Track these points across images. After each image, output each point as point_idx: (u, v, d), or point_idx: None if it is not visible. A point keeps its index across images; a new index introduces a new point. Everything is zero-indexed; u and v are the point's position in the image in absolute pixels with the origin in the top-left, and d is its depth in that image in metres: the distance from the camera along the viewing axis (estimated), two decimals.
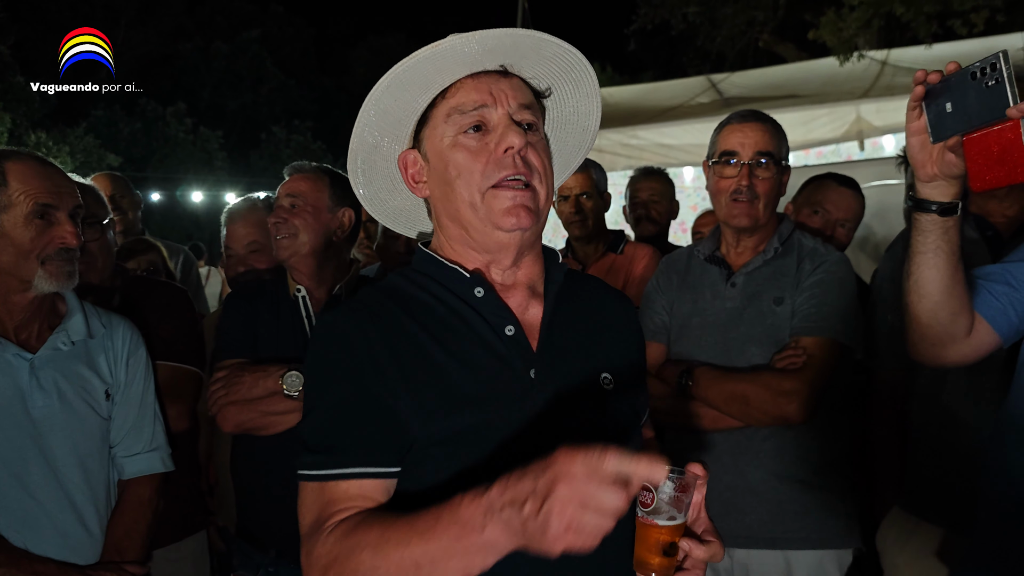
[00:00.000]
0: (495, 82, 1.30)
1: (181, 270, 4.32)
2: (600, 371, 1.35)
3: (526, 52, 1.30)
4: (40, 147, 18.84)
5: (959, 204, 1.55)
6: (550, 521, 0.92)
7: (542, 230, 1.36)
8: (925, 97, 1.48)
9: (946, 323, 1.63)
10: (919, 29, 9.81)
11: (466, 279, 1.33)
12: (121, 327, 2.17)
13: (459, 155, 1.29)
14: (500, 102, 1.29)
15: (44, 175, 1.95)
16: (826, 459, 2.25)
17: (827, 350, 2.16)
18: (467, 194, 1.28)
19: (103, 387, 2.08)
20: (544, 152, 1.33)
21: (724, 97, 7.71)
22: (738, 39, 14.16)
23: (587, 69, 1.38)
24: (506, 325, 1.31)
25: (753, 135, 2.26)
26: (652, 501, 1.18)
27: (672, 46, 18.65)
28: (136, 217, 4.18)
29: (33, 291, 1.96)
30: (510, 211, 1.27)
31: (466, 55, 1.27)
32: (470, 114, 1.29)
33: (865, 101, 6.02)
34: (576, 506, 0.92)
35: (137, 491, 2.14)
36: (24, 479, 1.91)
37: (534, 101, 1.35)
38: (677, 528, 1.19)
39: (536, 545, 0.95)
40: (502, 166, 1.27)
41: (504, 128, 1.28)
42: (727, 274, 2.35)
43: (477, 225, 1.30)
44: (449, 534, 1.03)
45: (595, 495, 0.92)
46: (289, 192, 2.40)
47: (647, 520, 1.19)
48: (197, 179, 24.36)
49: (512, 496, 0.97)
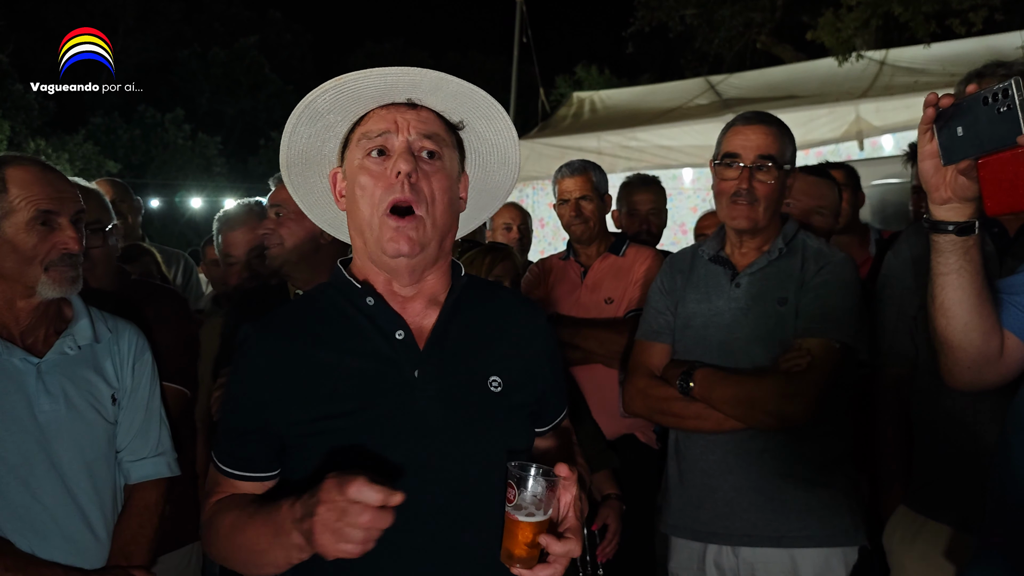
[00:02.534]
0: (402, 112, 1.43)
1: (182, 276, 4.32)
2: (489, 374, 1.46)
3: (429, 89, 1.42)
4: (39, 154, 18.83)
5: (975, 223, 1.53)
6: (314, 535, 1.16)
7: (438, 252, 1.46)
8: (936, 120, 1.48)
9: (979, 344, 1.60)
10: (917, 29, 9.82)
11: (357, 290, 1.47)
12: (127, 332, 2.17)
13: (363, 177, 1.42)
14: (402, 130, 1.42)
15: (45, 180, 1.95)
16: (830, 457, 2.25)
17: (831, 352, 2.16)
18: (367, 213, 1.41)
19: (109, 391, 2.08)
20: (440, 182, 1.43)
21: (723, 99, 7.73)
22: (736, 41, 14.16)
23: (493, 104, 1.49)
24: (396, 330, 1.43)
25: (756, 138, 2.26)
26: (515, 498, 1.28)
27: (670, 48, 18.66)
28: (136, 222, 4.19)
29: (38, 297, 1.96)
30: (393, 239, 1.38)
31: (372, 89, 1.41)
32: (374, 140, 1.42)
33: (864, 101, 6.03)
34: (331, 526, 1.15)
35: (143, 496, 2.14)
36: (31, 484, 1.91)
37: (442, 132, 1.46)
38: (538, 524, 1.28)
39: (317, 551, 1.19)
40: (391, 191, 1.38)
41: (398, 155, 1.40)
42: (731, 274, 2.34)
43: (372, 245, 1.43)
44: (270, 531, 1.28)
45: (344, 517, 1.14)
46: (273, 202, 2.43)
47: (510, 515, 1.29)
48: (196, 185, 24.34)
49: (298, 514, 1.21)
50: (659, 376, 2.35)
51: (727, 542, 2.25)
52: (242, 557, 1.38)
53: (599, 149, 6.56)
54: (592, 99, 9.19)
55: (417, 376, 1.40)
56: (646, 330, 2.46)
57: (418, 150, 1.42)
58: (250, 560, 1.36)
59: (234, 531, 1.38)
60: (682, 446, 2.37)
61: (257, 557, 1.34)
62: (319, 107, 1.45)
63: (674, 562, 2.40)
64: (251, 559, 1.36)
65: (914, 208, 3.51)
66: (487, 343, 1.50)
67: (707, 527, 2.27)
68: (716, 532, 2.26)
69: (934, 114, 1.47)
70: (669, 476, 2.43)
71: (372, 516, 1.14)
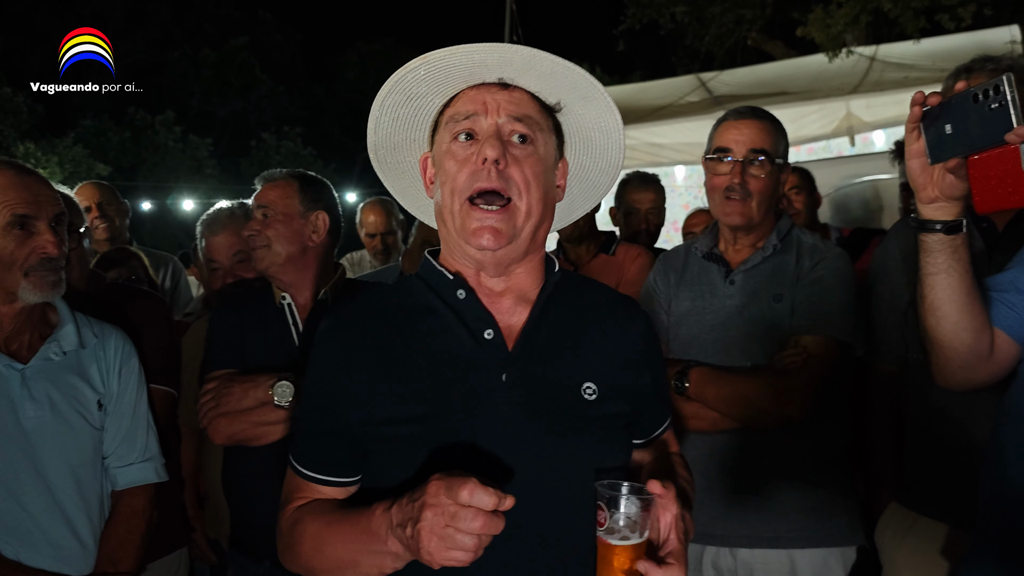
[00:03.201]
0: (492, 93, 1.33)
1: (170, 279, 4.29)
2: (583, 380, 1.34)
3: (521, 67, 1.31)
4: (28, 158, 18.78)
5: (963, 221, 1.52)
6: (420, 542, 1.07)
7: (530, 245, 1.36)
8: (923, 118, 1.46)
9: (970, 342, 1.59)
10: (907, 24, 9.83)
11: (450, 281, 1.37)
12: (113, 337, 2.15)
13: (448, 162, 1.33)
14: (491, 112, 1.32)
15: (21, 184, 1.92)
16: (828, 457, 2.24)
17: (827, 349, 2.14)
18: (450, 201, 1.32)
19: (95, 397, 2.06)
20: (533, 168, 1.32)
21: (714, 96, 7.72)
22: (726, 38, 14.17)
23: (593, 84, 1.36)
24: (486, 329, 1.33)
25: (748, 132, 2.24)
26: (605, 521, 1.17)
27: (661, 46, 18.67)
28: (124, 225, 4.16)
29: (20, 302, 1.94)
30: (477, 232, 1.29)
31: (464, 67, 1.31)
32: (461, 123, 1.33)
33: (855, 97, 6.03)
34: (439, 531, 1.06)
35: (131, 502, 2.12)
36: (16, 491, 1.90)
37: (535, 114, 1.35)
38: (634, 548, 1.17)
39: (421, 559, 1.10)
40: (477, 177, 1.29)
41: (486, 139, 1.30)
42: (725, 271, 2.32)
43: (455, 236, 1.34)
44: (364, 540, 1.21)
45: (454, 522, 1.05)
46: (260, 203, 2.39)
47: (602, 539, 1.18)
48: (187, 187, 24.26)
49: (399, 519, 1.13)
50: None
51: (725, 543, 2.24)
52: (328, 566, 1.29)
53: None
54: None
55: (504, 380, 1.30)
56: None
57: (508, 134, 1.32)
58: (337, 570, 1.28)
59: (319, 540, 1.29)
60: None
61: (346, 567, 1.26)
62: (407, 86, 1.35)
63: None
64: (339, 569, 1.27)
65: (903, 205, 3.51)
66: (581, 345, 1.38)
67: (705, 528, 2.26)
68: (714, 534, 2.24)
69: (920, 112, 1.46)
70: None
71: (485, 521, 1.04)
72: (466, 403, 1.28)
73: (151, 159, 26.44)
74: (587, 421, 1.32)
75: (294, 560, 1.36)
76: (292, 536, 1.35)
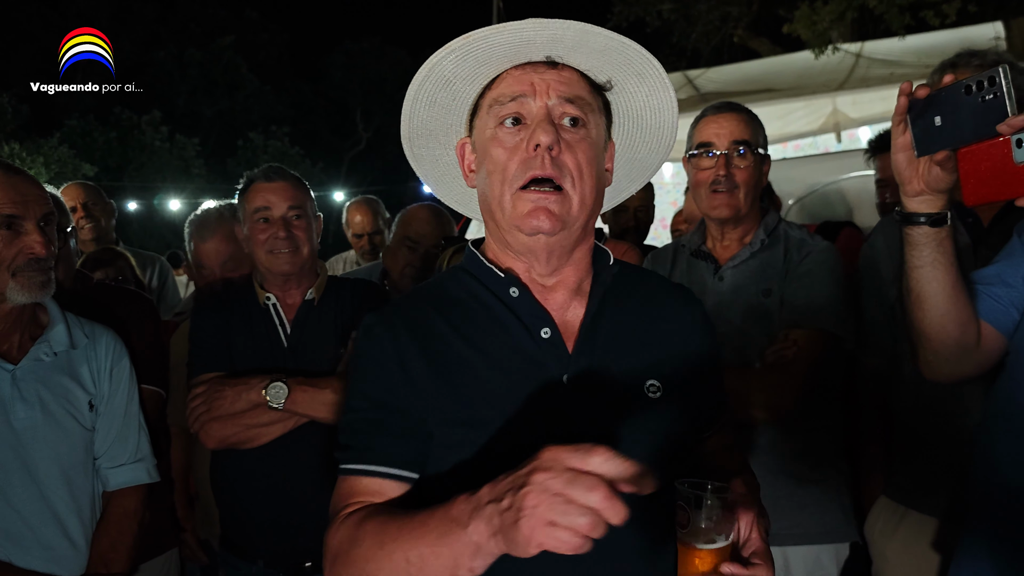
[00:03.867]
0: (540, 73, 1.24)
1: (158, 279, 4.27)
2: (646, 378, 1.27)
3: (572, 45, 1.23)
4: (14, 158, 18.63)
5: (948, 214, 1.53)
6: (522, 512, 0.88)
7: (581, 234, 1.29)
8: (909, 110, 1.46)
9: (956, 335, 1.60)
10: (892, 21, 9.88)
11: (501, 279, 1.29)
12: (104, 337, 2.14)
13: (495, 149, 1.25)
14: (540, 93, 1.23)
15: (8, 184, 1.89)
16: (821, 452, 2.25)
17: (817, 341, 2.15)
18: (499, 192, 1.24)
19: (86, 398, 2.05)
20: (586, 154, 1.24)
21: (701, 92, 7.73)
22: (713, 35, 14.21)
23: (649, 60, 1.28)
24: (542, 327, 1.26)
25: (728, 125, 2.25)
26: (689, 522, 1.12)
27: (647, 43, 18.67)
28: (110, 225, 4.14)
29: (8, 303, 1.92)
30: (531, 214, 1.21)
31: (505, 47, 1.22)
32: (507, 105, 1.24)
33: (841, 93, 6.05)
34: (549, 498, 0.87)
35: (122, 503, 2.11)
36: (7, 492, 1.89)
37: (586, 95, 1.27)
38: (720, 551, 1.12)
39: (512, 542, 0.90)
40: (529, 166, 1.21)
41: (537, 123, 1.21)
42: (714, 268, 2.34)
43: (505, 226, 1.26)
44: (438, 532, 1.01)
45: (570, 488, 0.86)
46: (292, 203, 2.32)
47: (684, 542, 1.13)
48: (175, 187, 24.16)
49: (496, 492, 0.94)
50: None
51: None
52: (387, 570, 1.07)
53: None
54: None
55: (566, 381, 1.23)
56: None
57: (559, 117, 1.23)
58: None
59: (380, 536, 1.09)
60: None
61: (410, 569, 1.04)
62: (445, 71, 1.26)
63: None
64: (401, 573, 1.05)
65: (879, 202, 3.52)
66: (642, 341, 1.30)
67: None
68: None
69: (907, 103, 1.46)
70: None
71: (606, 495, 0.86)
72: (526, 406, 1.21)
73: (137, 159, 26.28)
74: (655, 419, 1.25)
75: (346, 569, 1.14)
76: (348, 540, 1.14)
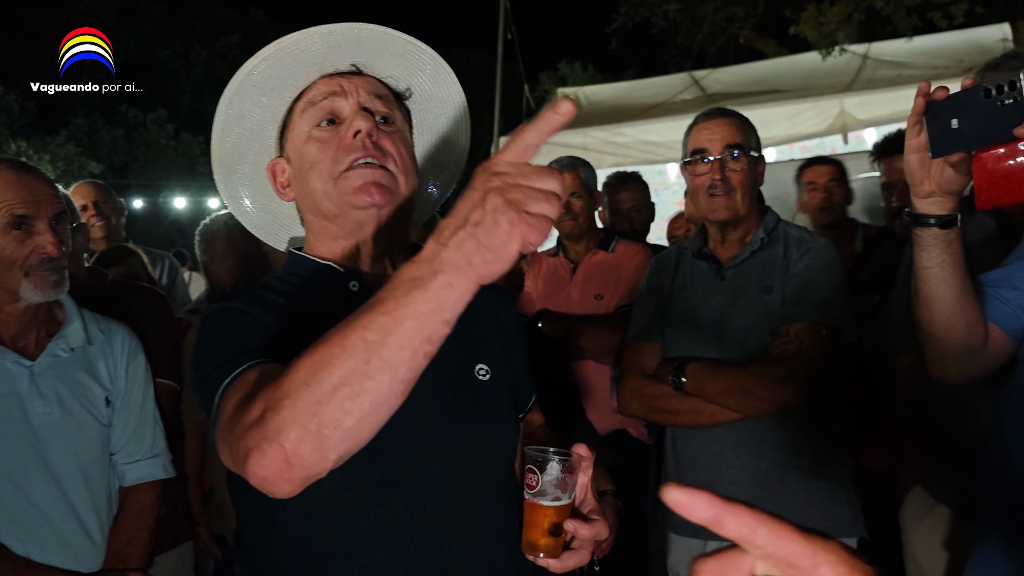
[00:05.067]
0: (347, 79, 1.32)
1: (167, 277, 4.30)
2: (476, 362, 1.34)
3: (375, 49, 1.32)
4: (20, 156, 18.64)
5: (958, 216, 1.53)
6: (499, 213, 0.82)
7: (401, 220, 1.33)
8: (925, 112, 1.46)
9: (963, 337, 1.61)
10: (900, 22, 9.86)
11: (340, 273, 1.31)
12: (120, 333, 2.16)
13: (312, 147, 1.29)
14: (350, 92, 1.30)
15: (19, 184, 1.90)
16: (829, 447, 2.27)
17: (819, 334, 2.18)
18: (320, 184, 1.27)
19: (103, 394, 2.07)
20: (403, 143, 1.32)
21: (707, 93, 7.75)
22: (719, 36, 14.19)
23: (441, 64, 1.39)
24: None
25: (720, 130, 2.30)
26: (537, 483, 1.23)
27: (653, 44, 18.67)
28: (120, 223, 4.17)
29: (23, 301, 1.94)
30: (361, 189, 1.24)
31: (314, 54, 1.29)
32: (320, 104, 1.30)
33: (848, 95, 6.06)
34: (518, 190, 0.83)
35: (139, 498, 2.13)
36: (25, 487, 1.90)
37: (391, 97, 1.36)
38: (562, 508, 1.23)
39: (496, 251, 0.83)
40: (351, 149, 1.26)
41: (354, 114, 1.28)
42: (716, 268, 2.36)
43: (333, 210, 1.28)
44: (394, 297, 0.87)
45: (529, 175, 0.84)
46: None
47: (533, 501, 1.24)
48: (180, 185, 24.20)
49: (453, 224, 0.86)
50: (652, 375, 2.36)
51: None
52: (335, 381, 0.88)
53: (584, 145, 6.56)
54: (576, 95, 9.19)
55: None
56: (636, 331, 2.47)
57: (372, 111, 1.30)
58: (356, 372, 0.88)
59: (318, 350, 0.91)
60: (679, 443, 2.38)
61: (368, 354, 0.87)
62: (255, 80, 1.31)
63: (673, 557, 2.41)
64: (357, 372, 0.87)
65: (885, 205, 3.52)
66: (467, 329, 1.24)
67: None
68: None
69: (924, 104, 1.46)
70: (668, 475, 2.44)
71: (556, 175, 0.84)
72: None
73: (143, 157, 26.35)
74: (486, 399, 1.32)
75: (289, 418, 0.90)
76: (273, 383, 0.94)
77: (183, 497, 2.76)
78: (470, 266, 0.84)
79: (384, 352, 0.87)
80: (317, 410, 0.89)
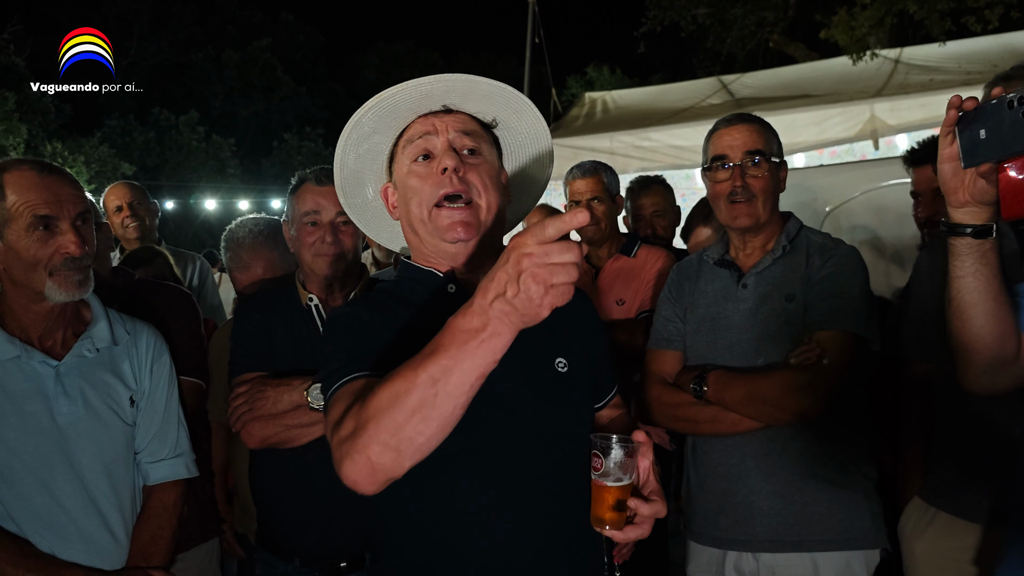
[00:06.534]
0: (439, 118, 1.56)
1: (198, 278, 4.35)
2: (555, 357, 1.56)
3: (462, 93, 1.55)
4: (56, 157, 19.02)
5: (993, 226, 1.52)
6: (531, 289, 1.06)
7: (492, 237, 1.56)
8: (958, 122, 1.47)
9: (995, 347, 1.59)
10: (932, 27, 9.75)
11: (440, 278, 1.57)
12: (144, 333, 2.18)
13: (412, 180, 1.53)
14: (441, 131, 1.54)
15: (42, 185, 1.91)
16: (850, 457, 2.24)
17: (841, 343, 2.14)
18: (418, 212, 1.52)
19: (128, 393, 2.09)
20: (487, 173, 1.54)
21: (736, 98, 7.70)
22: (748, 40, 14.12)
23: (523, 100, 1.62)
24: None
25: (741, 136, 2.28)
26: (602, 466, 1.41)
27: (682, 48, 18.63)
28: (153, 224, 4.23)
29: (48, 301, 1.96)
30: (449, 228, 1.49)
31: (411, 100, 1.53)
32: (416, 143, 1.54)
33: (879, 100, 5.99)
34: (544, 269, 1.06)
35: (162, 497, 2.15)
36: (50, 485, 1.93)
37: (479, 130, 1.58)
38: (624, 488, 1.41)
39: (531, 315, 1.09)
40: (441, 184, 1.49)
41: (443, 153, 1.52)
42: (738, 276, 2.34)
43: (428, 238, 1.54)
44: (455, 344, 1.14)
45: (552, 257, 1.06)
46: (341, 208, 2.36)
47: (599, 482, 1.41)
48: (210, 187, 24.51)
49: (495, 291, 1.10)
50: (672, 383, 2.34)
51: (747, 548, 2.23)
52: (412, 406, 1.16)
53: (611, 149, 6.55)
54: (604, 99, 9.17)
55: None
56: (657, 339, 2.46)
57: (460, 147, 1.53)
58: (426, 402, 1.15)
59: (394, 381, 1.19)
60: (699, 452, 2.36)
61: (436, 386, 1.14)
62: (364, 126, 1.57)
63: (692, 565, 2.40)
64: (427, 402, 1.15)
65: (915, 214, 3.47)
66: (550, 328, 1.37)
67: (728, 534, 2.26)
68: (737, 539, 2.25)
69: (956, 116, 1.46)
70: (689, 483, 2.42)
71: (573, 248, 1.07)
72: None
73: (174, 159, 26.71)
74: (564, 389, 1.55)
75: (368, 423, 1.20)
76: (361, 400, 1.24)
77: (210, 494, 2.79)
78: (511, 323, 1.11)
79: (448, 388, 1.15)
80: (396, 430, 1.17)
